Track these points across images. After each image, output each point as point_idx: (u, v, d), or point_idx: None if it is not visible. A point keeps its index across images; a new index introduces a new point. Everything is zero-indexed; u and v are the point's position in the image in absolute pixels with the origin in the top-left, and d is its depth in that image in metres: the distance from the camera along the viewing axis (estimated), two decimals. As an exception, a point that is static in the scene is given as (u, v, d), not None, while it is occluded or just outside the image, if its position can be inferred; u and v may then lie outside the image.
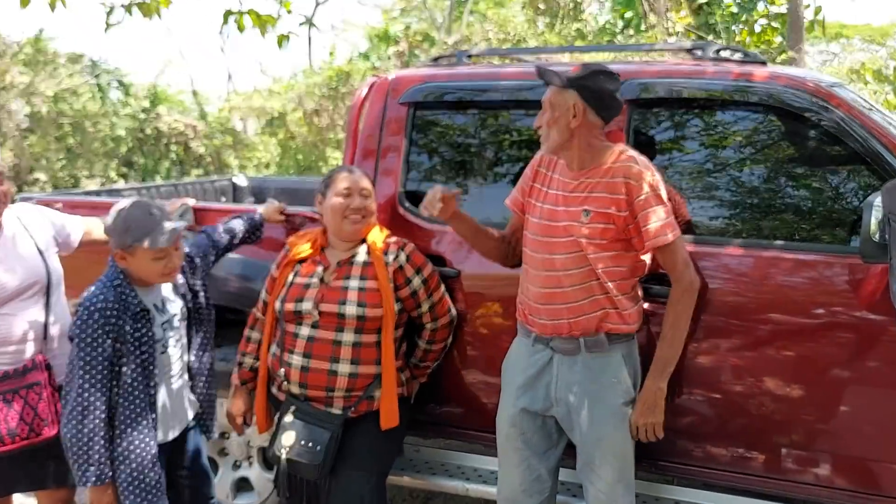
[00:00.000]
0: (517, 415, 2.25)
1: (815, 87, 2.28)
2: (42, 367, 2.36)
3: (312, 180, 4.50)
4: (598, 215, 2.11)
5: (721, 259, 2.28)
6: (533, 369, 2.23)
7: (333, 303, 2.35)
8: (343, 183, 2.42)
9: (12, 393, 2.30)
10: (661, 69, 2.49)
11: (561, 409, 2.21)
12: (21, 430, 2.30)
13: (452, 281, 2.57)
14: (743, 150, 2.40)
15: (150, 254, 2.15)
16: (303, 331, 2.38)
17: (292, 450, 2.31)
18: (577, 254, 2.13)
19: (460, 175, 2.75)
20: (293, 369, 2.37)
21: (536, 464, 2.26)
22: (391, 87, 2.77)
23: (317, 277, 2.41)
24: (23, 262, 2.39)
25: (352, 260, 2.43)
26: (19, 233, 2.43)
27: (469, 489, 2.59)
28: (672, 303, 2.15)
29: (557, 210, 2.18)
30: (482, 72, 2.80)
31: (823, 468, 2.24)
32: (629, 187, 2.09)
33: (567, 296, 2.15)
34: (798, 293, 2.20)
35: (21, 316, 2.36)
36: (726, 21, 10.19)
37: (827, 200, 2.32)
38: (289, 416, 2.36)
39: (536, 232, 2.22)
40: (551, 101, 2.15)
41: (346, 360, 2.34)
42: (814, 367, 2.19)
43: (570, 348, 2.17)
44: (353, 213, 2.40)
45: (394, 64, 11.98)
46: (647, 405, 2.15)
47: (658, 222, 2.08)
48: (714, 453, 2.35)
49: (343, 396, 2.36)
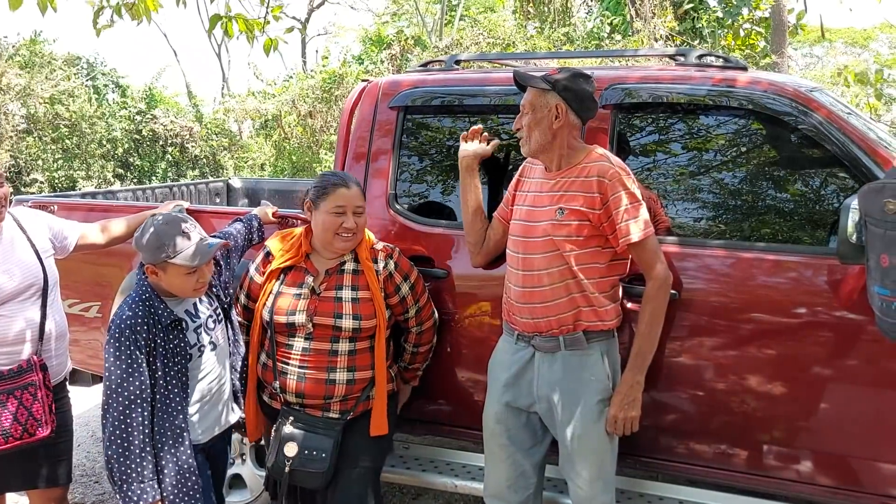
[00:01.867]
0: (502, 411, 2.30)
1: (794, 91, 2.33)
2: (37, 367, 2.39)
3: (305, 182, 4.54)
4: (572, 213, 2.16)
5: (704, 260, 2.33)
6: (516, 366, 2.28)
7: (328, 315, 2.33)
8: (338, 201, 2.35)
9: (7, 394, 2.33)
10: (645, 74, 2.54)
11: (542, 405, 2.26)
12: (15, 431, 2.32)
13: (441, 281, 2.62)
14: (724, 153, 2.45)
15: (183, 269, 2.17)
16: (297, 342, 2.36)
17: (296, 460, 2.30)
18: (553, 252, 2.18)
19: (450, 177, 2.80)
20: (289, 380, 2.36)
21: (521, 460, 2.30)
22: (382, 91, 2.82)
23: (307, 288, 2.37)
24: (20, 264, 2.41)
25: (341, 268, 2.41)
26: (17, 235, 2.46)
27: (458, 485, 2.63)
28: (647, 299, 2.20)
29: (535, 210, 2.24)
30: (470, 77, 2.85)
31: (805, 465, 2.29)
32: (602, 185, 2.14)
33: (545, 294, 2.20)
34: (779, 293, 2.25)
35: (18, 317, 2.38)
36: (712, 26, 10.28)
37: (807, 203, 2.37)
38: (288, 427, 2.35)
39: (516, 233, 2.29)
40: (532, 104, 2.21)
41: (343, 369, 2.36)
42: (795, 365, 2.24)
43: (551, 346, 2.22)
44: (345, 232, 2.36)
45: (387, 67, 12.03)
46: (625, 399, 2.19)
47: (631, 220, 2.13)
48: (698, 450, 2.40)
49: (340, 401, 2.38)
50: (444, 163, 2.81)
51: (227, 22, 3.34)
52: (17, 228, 2.48)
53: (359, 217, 2.38)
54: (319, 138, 11.50)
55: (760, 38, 10.58)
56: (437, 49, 9.90)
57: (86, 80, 15.52)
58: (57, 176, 14.33)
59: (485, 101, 2.67)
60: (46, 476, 2.48)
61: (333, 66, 11.91)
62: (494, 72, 2.90)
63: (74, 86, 14.36)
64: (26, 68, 14.20)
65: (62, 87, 13.85)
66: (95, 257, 3.02)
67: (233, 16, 3.35)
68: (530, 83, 2.21)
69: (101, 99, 15.31)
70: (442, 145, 2.82)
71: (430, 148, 2.84)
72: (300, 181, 4.75)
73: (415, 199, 2.81)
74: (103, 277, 3.14)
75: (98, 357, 3.23)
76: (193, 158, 14.82)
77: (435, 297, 2.60)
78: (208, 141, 14.43)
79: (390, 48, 11.93)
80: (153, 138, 14.78)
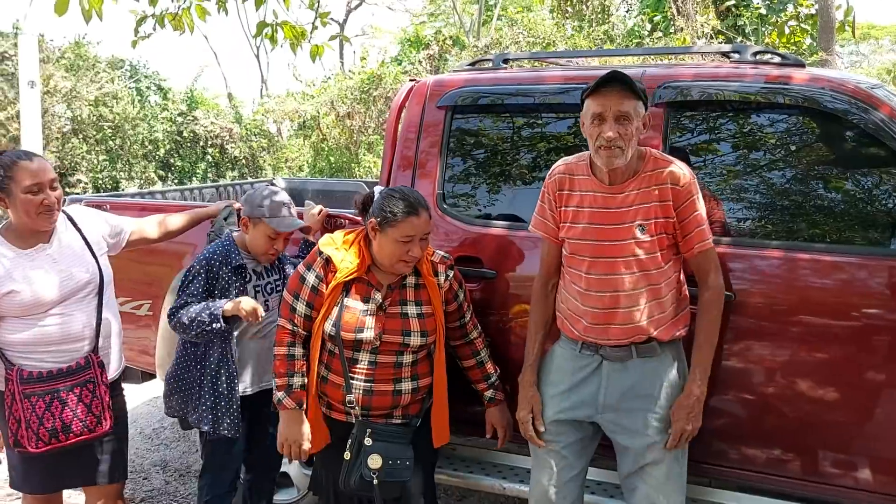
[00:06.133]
0: (556, 419, 2.27)
1: (854, 88, 2.28)
2: (95, 364, 2.44)
3: (349, 182, 4.56)
4: (654, 226, 2.11)
5: (759, 261, 2.29)
6: (579, 375, 2.24)
7: (396, 333, 2.32)
8: (407, 231, 2.25)
9: (67, 390, 2.37)
10: (698, 72, 2.50)
11: (608, 414, 2.21)
12: (76, 427, 2.37)
13: (490, 282, 2.61)
14: (781, 151, 2.40)
15: (269, 231, 2.56)
16: (362, 356, 2.34)
17: (383, 472, 2.29)
18: (632, 268, 2.13)
19: (497, 177, 2.79)
20: (356, 393, 2.34)
21: (571, 467, 2.27)
22: (430, 90, 2.82)
23: (374, 304, 2.33)
24: (78, 262, 2.46)
25: (403, 283, 2.38)
26: (73, 235, 2.51)
27: (505, 488, 2.62)
28: (705, 308, 2.16)
29: (605, 228, 2.16)
30: (521, 76, 2.83)
31: (862, 472, 2.23)
32: (675, 192, 2.11)
33: (620, 306, 2.14)
34: (836, 294, 2.20)
35: (77, 315, 2.43)
36: (755, 23, 10.10)
37: (867, 202, 2.31)
38: (368, 440, 2.32)
39: (583, 252, 2.20)
40: (635, 110, 2.07)
41: (408, 379, 2.36)
42: (853, 369, 2.19)
43: (622, 355, 2.18)
44: (411, 260, 2.31)
45: (425, 68, 12.04)
46: (691, 411, 2.13)
47: (701, 227, 2.11)
48: (750, 455, 2.36)
49: (402, 407, 2.38)
50: (492, 162, 2.80)
51: (272, 29, 3.35)
52: (72, 228, 2.52)
53: (425, 242, 2.33)
54: (358, 139, 11.58)
55: (806, 36, 10.36)
56: (477, 49, 9.89)
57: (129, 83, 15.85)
58: (101, 177, 14.68)
59: (535, 100, 2.65)
60: (104, 472, 2.53)
61: (371, 66, 11.99)
62: (544, 70, 2.89)
63: (118, 88, 14.68)
64: (71, 71, 14.56)
65: (106, 89, 14.17)
66: (146, 256, 3.08)
67: (279, 23, 3.35)
68: (634, 88, 2.05)
69: (143, 101, 15.62)
70: (490, 145, 2.81)
71: (478, 147, 2.83)
72: (343, 181, 4.78)
73: (462, 199, 2.80)
74: (154, 276, 3.20)
75: (148, 353, 3.29)
76: (233, 159, 15.05)
77: (484, 298, 2.59)
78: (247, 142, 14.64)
79: (428, 48, 11.96)
80: (194, 139, 15.05)
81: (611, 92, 2.05)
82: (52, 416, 2.35)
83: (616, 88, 2.05)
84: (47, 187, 2.36)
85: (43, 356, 2.38)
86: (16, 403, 2.33)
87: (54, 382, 2.36)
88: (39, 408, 2.33)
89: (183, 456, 3.94)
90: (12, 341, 2.37)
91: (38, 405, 2.33)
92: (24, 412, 2.32)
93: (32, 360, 2.37)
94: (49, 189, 2.36)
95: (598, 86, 2.06)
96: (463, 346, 2.51)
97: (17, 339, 2.37)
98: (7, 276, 2.33)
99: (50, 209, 2.37)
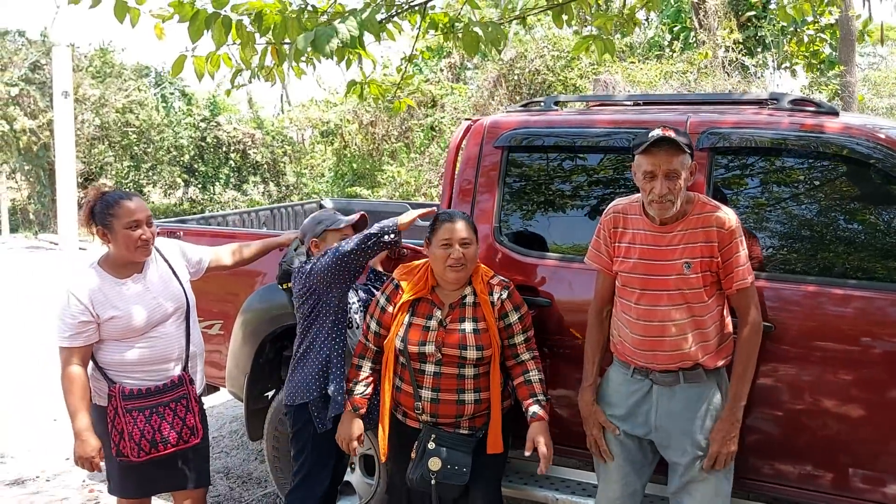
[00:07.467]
0: (621, 437, 2.50)
1: (887, 137, 2.48)
2: (187, 382, 2.70)
3: (396, 204, 4.76)
4: (699, 264, 2.35)
5: (796, 295, 2.50)
6: (633, 398, 2.48)
7: (454, 346, 2.59)
8: (444, 234, 2.58)
9: (164, 406, 2.63)
10: (739, 119, 2.71)
11: (660, 434, 2.45)
12: (172, 438, 2.63)
13: (545, 310, 2.84)
14: (817, 196, 2.61)
15: (338, 235, 2.89)
16: (428, 368, 2.62)
17: (440, 473, 2.57)
18: (678, 301, 2.37)
19: (548, 211, 3.01)
20: (424, 402, 2.63)
21: (634, 480, 2.51)
22: (487, 130, 3.05)
23: (435, 320, 2.63)
24: (170, 289, 2.72)
25: (462, 302, 2.65)
26: (163, 266, 2.77)
27: (559, 499, 2.82)
28: (744, 342, 2.38)
29: (654, 264, 2.39)
30: (570, 119, 3.05)
31: (890, 488, 2.43)
32: (721, 235, 2.34)
33: (667, 336, 2.38)
34: (862, 324, 2.40)
35: (169, 337, 2.69)
36: (775, 34, 10.25)
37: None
38: (431, 444, 2.60)
39: (633, 285, 2.43)
40: (682, 166, 2.29)
41: (471, 390, 2.62)
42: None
43: (670, 380, 2.41)
44: (454, 263, 2.57)
45: (446, 76, 12.23)
46: (726, 436, 2.36)
47: (742, 266, 2.34)
48: (784, 471, 2.56)
49: (469, 419, 2.64)
50: (544, 198, 3.03)
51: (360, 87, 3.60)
52: (161, 259, 2.79)
53: (466, 248, 2.58)
54: (381, 146, 11.78)
55: (825, 44, 10.50)
56: (502, 62, 10.08)
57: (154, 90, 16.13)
58: (125, 181, 14.99)
59: (585, 142, 2.88)
60: (192, 478, 2.78)
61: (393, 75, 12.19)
62: (593, 113, 3.10)
63: (145, 96, 14.96)
64: (98, 77, 14.86)
65: (133, 97, 14.47)
66: (220, 279, 3.33)
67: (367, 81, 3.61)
68: (681, 146, 2.28)
69: (168, 107, 15.91)
70: (542, 182, 3.04)
71: (532, 184, 3.05)
72: (388, 202, 4.97)
73: (517, 231, 3.03)
74: (227, 298, 3.45)
75: (218, 368, 3.54)
76: (254, 164, 15.33)
77: (539, 324, 2.81)
78: (269, 147, 14.89)
79: (449, 57, 12.13)
80: (217, 145, 15.33)
81: (660, 151, 2.28)
82: (151, 428, 2.60)
83: (665, 147, 2.28)
84: (144, 224, 2.62)
85: (140, 375, 2.64)
86: (118, 418, 2.58)
87: (153, 398, 2.62)
88: (140, 421, 2.59)
89: (243, 463, 4.20)
90: (113, 361, 2.63)
91: (139, 419, 2.59)
92: (127, 425, 2.58)
93: (132, 379, 2.63)
94: (146, 225, 2.62)
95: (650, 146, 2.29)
96: (514, 365, 2.72)
97: (117, 360, 2.62)
98: (108, 304, 2.59)
99: (146, 243, 2.63)
